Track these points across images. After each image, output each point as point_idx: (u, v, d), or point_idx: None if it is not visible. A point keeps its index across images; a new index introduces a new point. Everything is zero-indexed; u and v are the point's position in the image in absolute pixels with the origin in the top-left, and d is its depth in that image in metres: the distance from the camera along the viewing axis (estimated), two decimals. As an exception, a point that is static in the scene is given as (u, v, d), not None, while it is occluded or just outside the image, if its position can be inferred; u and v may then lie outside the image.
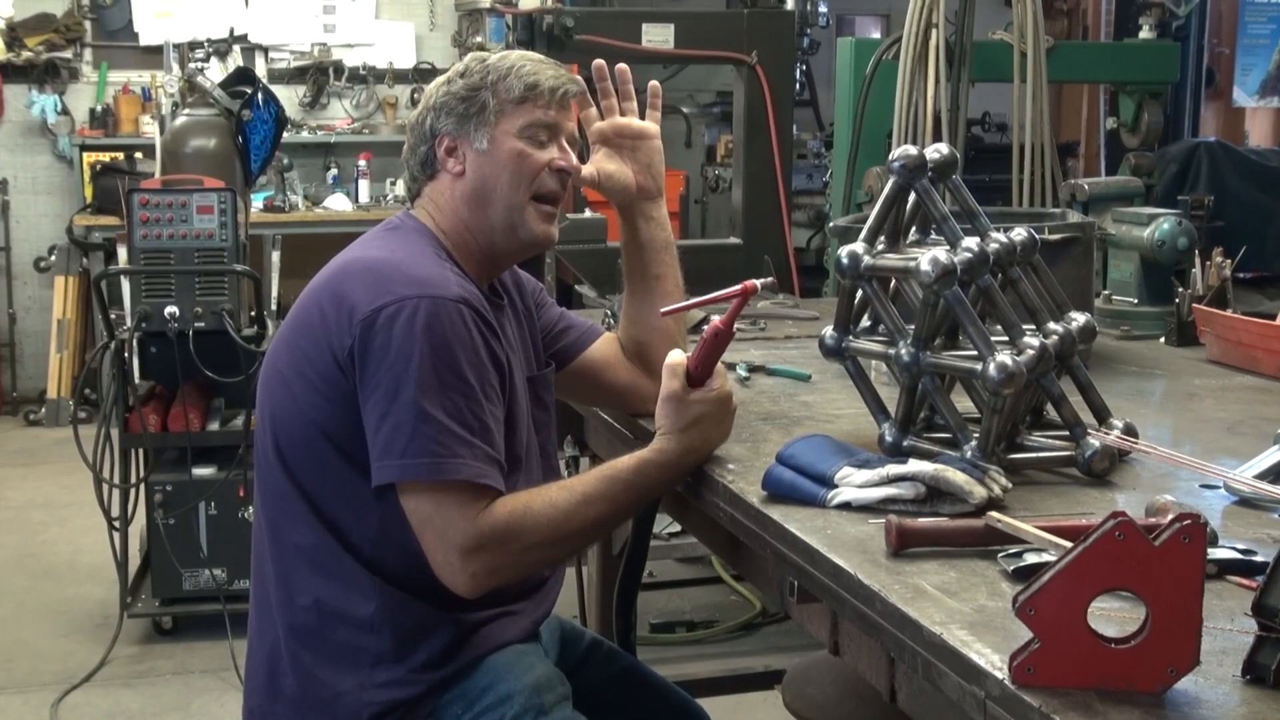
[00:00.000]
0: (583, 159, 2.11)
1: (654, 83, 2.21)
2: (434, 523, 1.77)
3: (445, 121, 1.95)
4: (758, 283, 1.93)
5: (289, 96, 7.41)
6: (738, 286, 1.92)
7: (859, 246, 1.92)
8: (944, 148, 1.97)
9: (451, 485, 1.76)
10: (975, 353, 1.79)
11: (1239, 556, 1.52)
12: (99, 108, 7.32)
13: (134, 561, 4.37)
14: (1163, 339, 2.94)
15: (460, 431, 1.76)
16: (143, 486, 4.19)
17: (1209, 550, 1.43)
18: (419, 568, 1.80)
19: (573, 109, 2.02)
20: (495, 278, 2.04)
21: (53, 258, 7.20)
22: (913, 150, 1.93)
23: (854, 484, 1.73)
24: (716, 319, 1.91)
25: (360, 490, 1.81)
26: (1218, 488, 1.81)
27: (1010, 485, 1.74)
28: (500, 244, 1.98)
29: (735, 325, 1.90)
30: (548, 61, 2.00)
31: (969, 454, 1.80)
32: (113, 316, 4.32)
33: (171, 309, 4.04)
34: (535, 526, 1.80)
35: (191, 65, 5.88)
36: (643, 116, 2.22)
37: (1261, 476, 1.80)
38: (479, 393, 1.80)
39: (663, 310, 2.09)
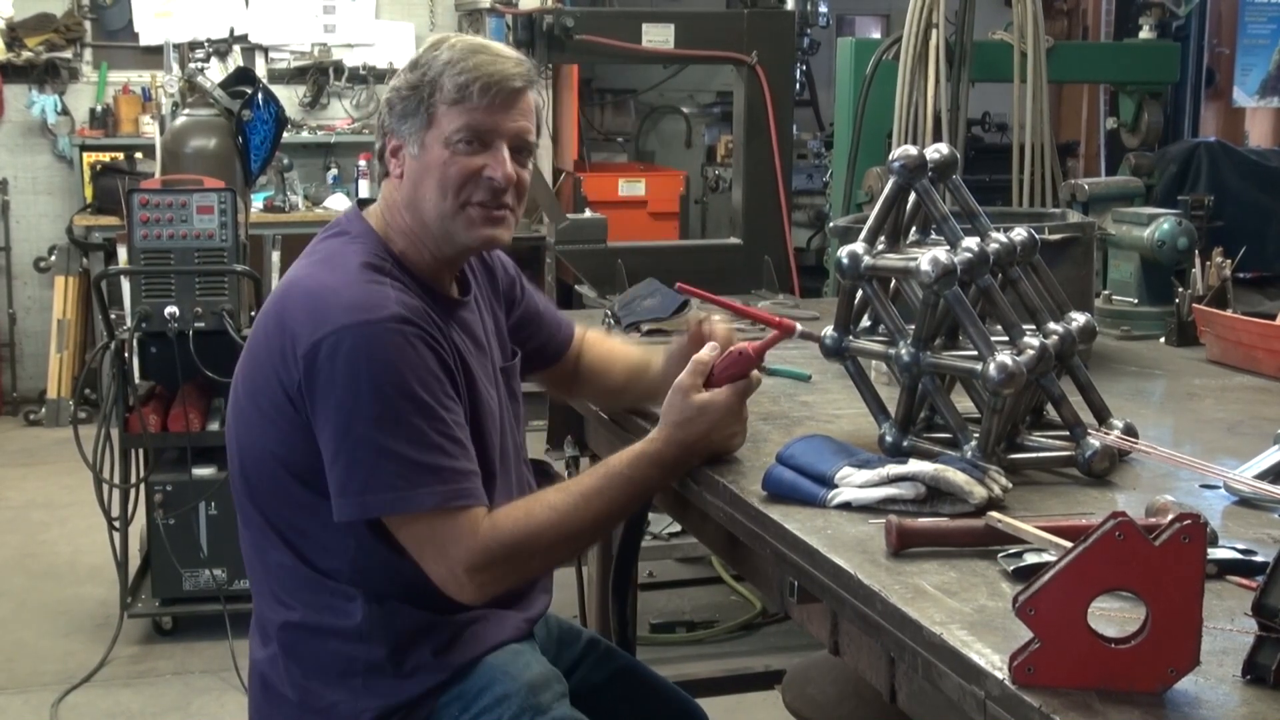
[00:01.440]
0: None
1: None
2: (430, 546, 1.76)
3: (391, 119, 1.87)
4: (800, 327, 1.93)
5: (289, 96, 7.41)
6: (778, 319, 1.93)
7: (859, 246, 1.92)
8: (944, 148, 1.97)
9: (425, 512, 1.74)
10: (975, 353, 1.79)
11: (1239, 556, 1.52)
12: (99, 108, 7.32)
13: (134, 561, 4.36)
14: (1163, 339, 2.94)
15: (423, 458, 1.73)
16: (143, 486, 4.19)
17: (1209, 550, 1.43)
18: (404, 578, 1.80)
19: (524, 104, 1.87)
20: (457, 270, 1.99)
21: (53, 258, 7.20)
22: (913, 150, 1.93)
23: (854, 484, 1.73)
24: (749, 344, 1.91)
25: (327, 521, 1.79)
26: (1218, 488, 1.81)
27: (1010, 485, 1.74)
28: (444, 249, 1.91)
29: (763, 355, 1.91)
30: (497, 53, 1.86)
31: (969, 454, 1.80)
32: (113, 316, 4.32)
33: (171, 309, 4.04)
34: (539, 533, 1.79)
35: (191, 65, 5.88)
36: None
37: (1261, 476, 1.80)
38: (437, 408, 1.76)
39: (679, 285, 2.07)
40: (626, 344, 2.30)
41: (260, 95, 4.45)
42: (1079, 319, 1.96)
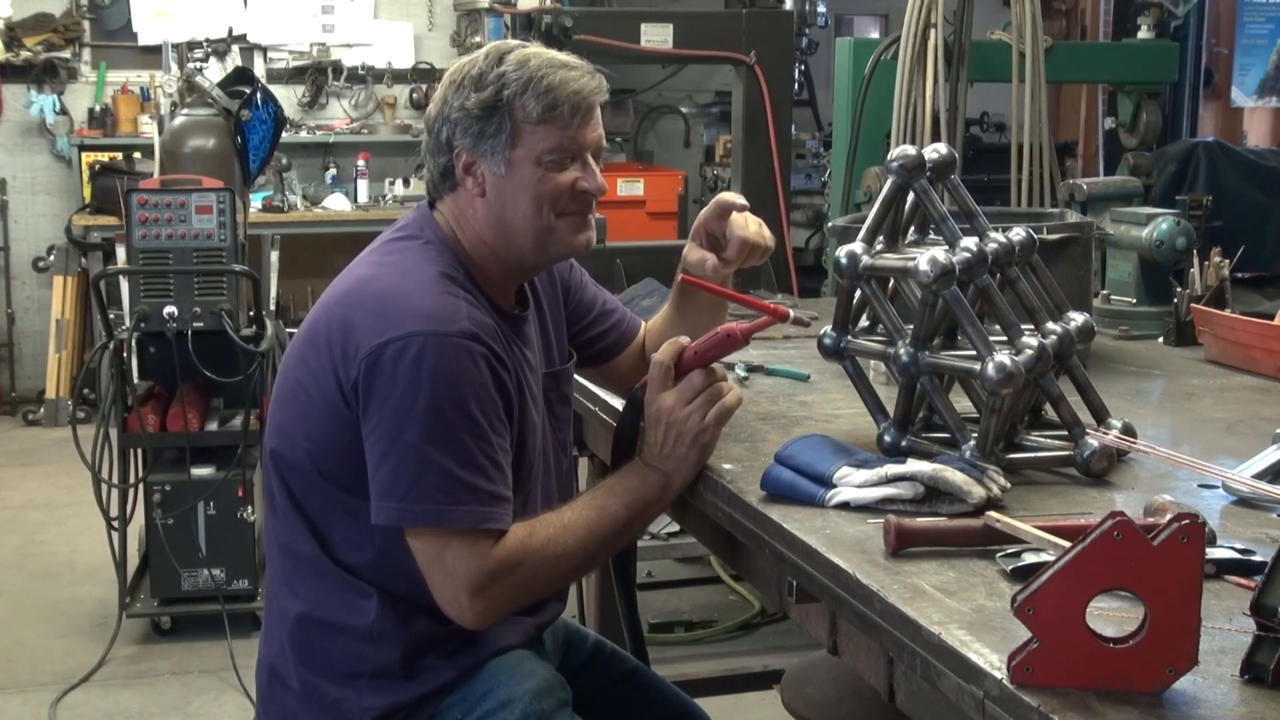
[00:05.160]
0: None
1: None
2: (440, 563, 1.76)
3: (462, 138, 1.86)
4: (793, 312, 1.91)
5: (288, 96, 7.41)
6: (771, 304, 1.91)
7: (857, 246, 1.92)
8: (942, 147, 1.97)
9: (456, 530, 1.75)
10: (974, 352, 1.80)
11: (1237, 556, 1.52)
12: (98, 107, 7.31)
13: (133, 561, 4.36)
14: (1161, 339, 2.94)
15: (466, 476, 1.73)
16: (141, 486, 4.18)
17: (1207, 550, 1.43)
18: (420, 585, 1.80)
19: (598, 115, 1.90)
20: (528, 279, 2.00)
21: (51, 258, 7.19)
22: (911, 150, 1.93)
23: (853, 484, 1.73)
24: (737, 324, 1.88)
25: (357, 516, 1.80)
26: (1216, 487, 1.81)
27: (1009, 485, 1.74)
28: (530, 260, 1.93)
29: (750, 337, 1.88)
30: (570, 65, 1.87)
31: (968, 454, 1.80)
32: (111, 316, 4.32)
33: (170, 309, 4.04)
34: (540, 561, 1.80)
35: (190, 65, 5.88)
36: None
37: (1260, 476, 1.80)
38: (488, 430, 1.76)
39: (683, 276, 2.07)
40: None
41: (259, 95, 4.45)
42: (1077, 319, 1.96)
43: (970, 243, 1.85)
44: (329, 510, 1.84)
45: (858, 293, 1.95)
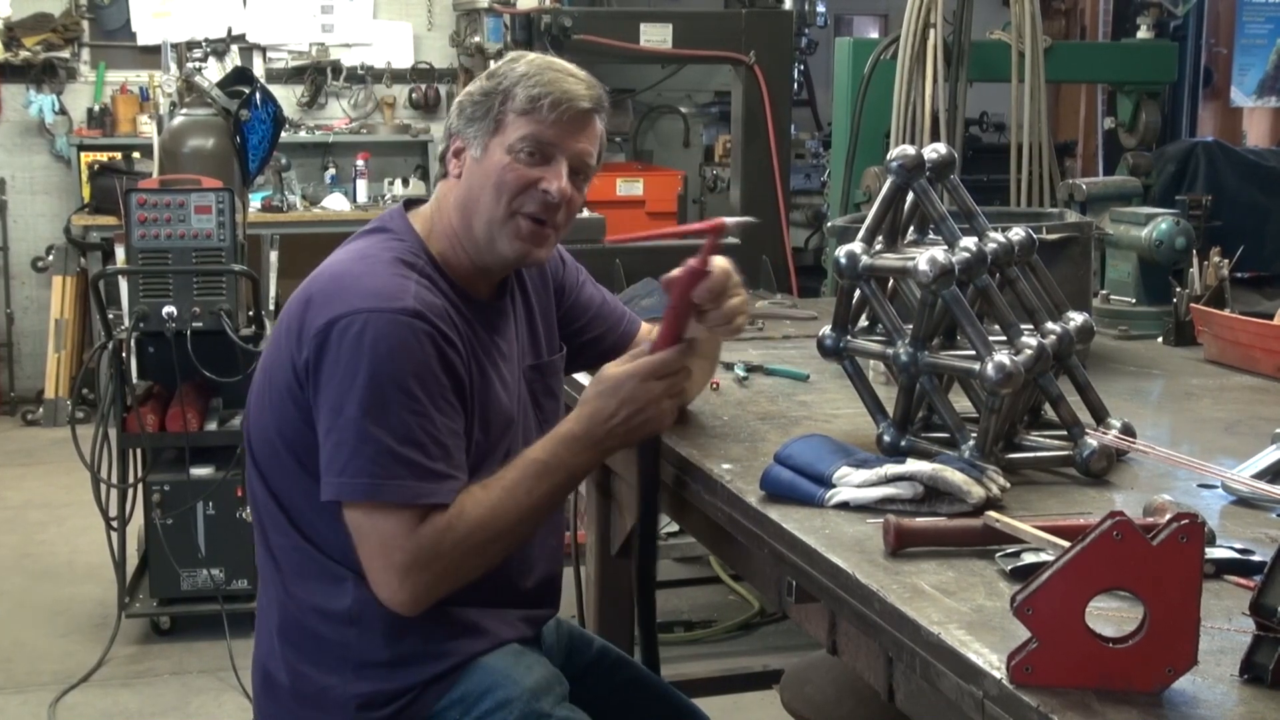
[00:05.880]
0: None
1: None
2: (371, 540, 1.76)
3: (457, 122, 1.91)
4: (728, 221, 1.88)
5: (287, 96, 7.40)
6: (700, 225, 1.88)
7: (857, 246, 1.92)
8: (942, 147, 1.97)
9: (390, 505, 1.74)
10: (973, 352, 1.80)
11: (1237, 556, 1.52)
12: (97, 107, 7.31)
13: (132, 561, 4.36)
14: (1160, 339, 2.94)
15: (404, 451, 1.74)
16: (141, 486, 4.18)
17: (1207, 550, 1.43)
18: None
19: (590, 128, 1.90)
20: (497, 282, 1.99)
21: (50, 257, 7.19)
22: (911, 150, 1.93)
23: (852, 484, 1.73)
24: (692, 261, 1.86)
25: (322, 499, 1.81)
26: (1215, 487, 1.81)
27: (1008, 485, 1.75)
28: (484, 256, 1.92)
29: (709, 262, 1.86)
30: (570, 74, 1.90)
31: (967, 454, 1.80)
32: (110, 316, 4.32)
33: (169, 309, 4.04)
34: (467, 531, 1.77)
35: (189, 65, 5.87)
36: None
37: (1259, 476, 1.80)
38: (429, 407, 1.76)
39: (607, 240, 2.07)
40: None
41: (258, 95, 4.45)
42: (1077, 319, 1.96)
43: (970, 243, 1.85)
44: (301, 496, 1.85)
45: (857, 293, 1.95)
